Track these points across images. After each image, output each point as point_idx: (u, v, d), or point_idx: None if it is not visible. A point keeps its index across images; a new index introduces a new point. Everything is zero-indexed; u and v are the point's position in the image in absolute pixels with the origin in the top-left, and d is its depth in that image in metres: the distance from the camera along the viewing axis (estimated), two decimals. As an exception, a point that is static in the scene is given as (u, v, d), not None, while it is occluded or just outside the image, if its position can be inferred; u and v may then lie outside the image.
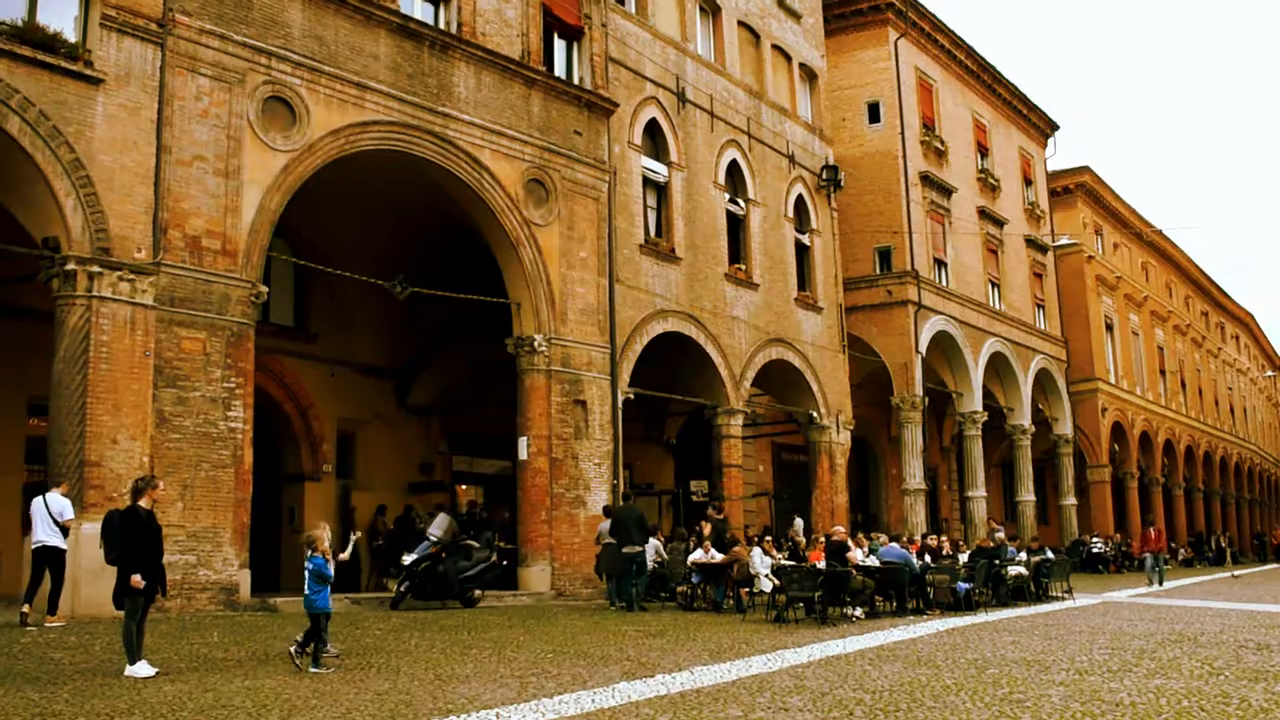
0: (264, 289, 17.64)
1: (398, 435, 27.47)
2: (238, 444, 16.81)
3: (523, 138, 22.17)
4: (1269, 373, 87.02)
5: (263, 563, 19.05)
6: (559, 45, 24.12)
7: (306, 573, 11.19)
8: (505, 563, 21.83)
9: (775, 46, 31.80)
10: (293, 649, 11.15)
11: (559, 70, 23.84)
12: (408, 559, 19.21)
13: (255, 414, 17.51)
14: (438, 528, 19.70)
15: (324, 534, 11.34)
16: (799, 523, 28.43)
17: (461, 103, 21.07)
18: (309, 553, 11.24)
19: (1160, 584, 29.72)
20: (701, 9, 29.09)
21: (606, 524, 21.27)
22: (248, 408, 17.06)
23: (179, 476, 15.96)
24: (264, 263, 17.79)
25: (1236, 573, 42.74)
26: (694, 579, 21.11)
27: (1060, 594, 24.64)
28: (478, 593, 20.05)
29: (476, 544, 20.68)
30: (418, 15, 20.93)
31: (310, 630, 11.09)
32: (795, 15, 32.92)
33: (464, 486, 30.14)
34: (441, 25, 21.36)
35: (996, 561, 22.82)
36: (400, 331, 26.62)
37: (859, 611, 18.75)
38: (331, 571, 11.26)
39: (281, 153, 17.93)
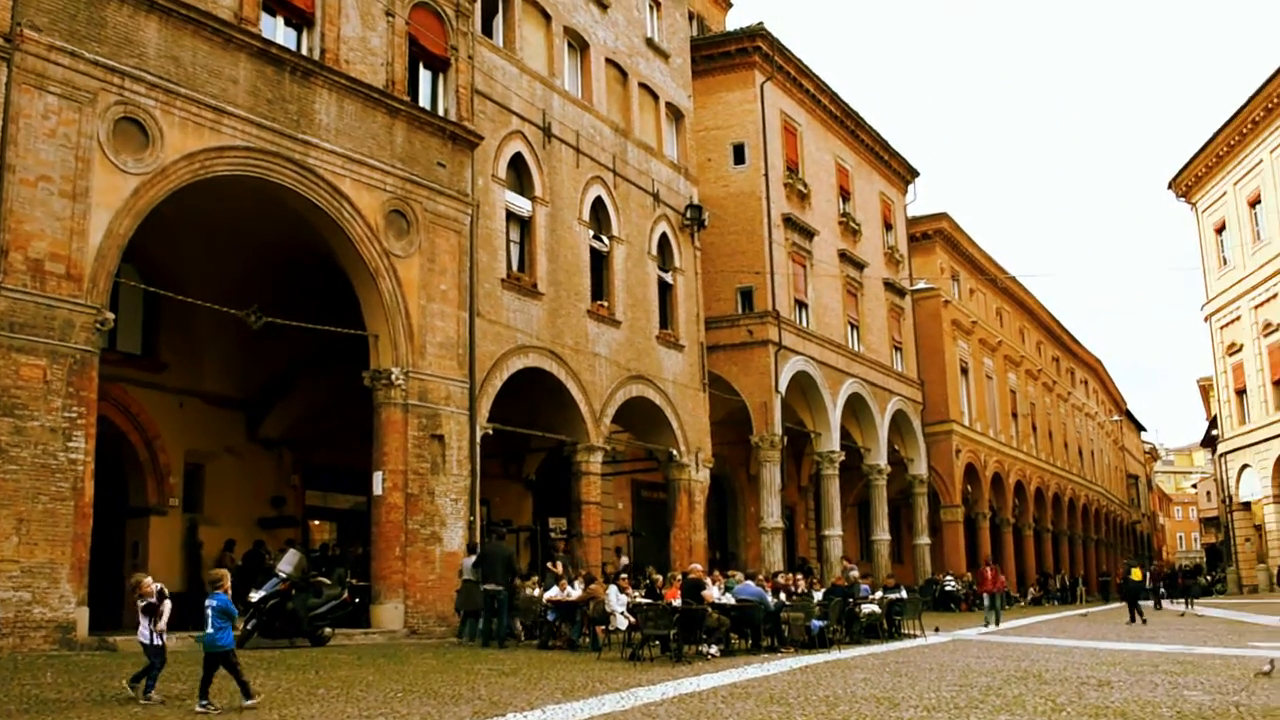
0: (110, 316, 17.04)
1: (248, 468, 26.79)
2: (78, 476, 16.16)
3: (384, 167, 21.90)
4: (1115, 417, 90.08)
5: (103, 600, 18.36)
6: (424, 76, 23.91)
7: (209, 610, 10.85)
8: (358, 600, 21.37)
9: (643, 85, 32.05)
10: (199, 706, 10.46)
11: (424, 101, 23.63)
12: (255, 596, 18.63)
13: (98, 445, 16.87)
14: (287, 564, 19.21)
15: (226, 573, 11.38)
16: (624, 560, 28.64)
17: (322, 130, 20.73)
18: (211, 590, 11.04)
19: (997, 624, 30.16)
20: (570, 45, 29.19)
21: (470, 559, 20.99)
22: (89, 438, 16.43)
23: (14, 509, 15.29)
24: (111, 289, 17.18)
25: (1086, 611, 44.00)
26: (549, 617, 20.95)
27: (914, 631, 25.04)
28: (328, 631, 19.60)
29: (328, 581, 20.23)
30: (280, 40, 20.55)
31: (206, 671, 10.72)
32: (663, 55, 33.25)
33: (317, 522, 29.53)
34: (304, 51, 20.99)
35: (850, 600, 23.12)
36: (253, 362, 26.04)
37: (714, 649, 18.79)
38: (235, 609, 11.09)
39: (133, 175, 17.38)
